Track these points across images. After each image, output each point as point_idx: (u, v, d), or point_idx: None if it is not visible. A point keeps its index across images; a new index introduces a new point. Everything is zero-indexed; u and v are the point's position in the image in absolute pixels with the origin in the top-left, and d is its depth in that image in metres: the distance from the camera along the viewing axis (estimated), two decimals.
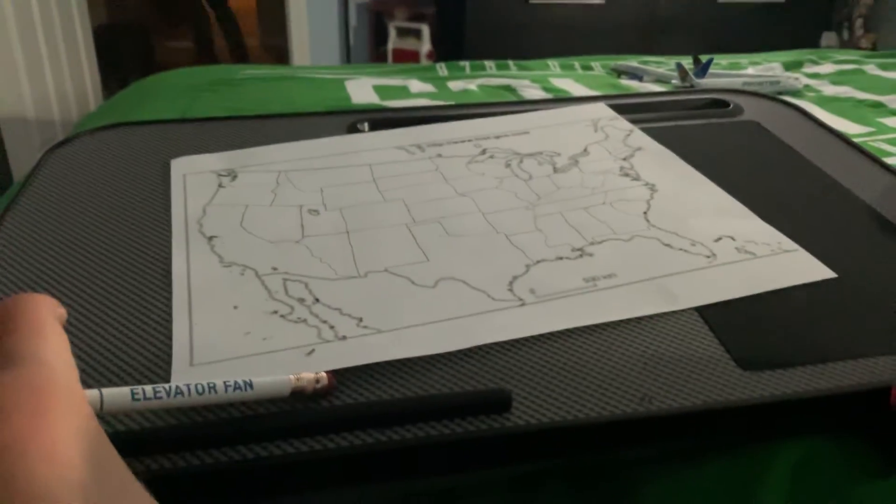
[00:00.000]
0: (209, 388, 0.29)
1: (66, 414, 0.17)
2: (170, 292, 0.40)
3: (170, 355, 0.35)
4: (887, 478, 0.32)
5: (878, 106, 0.94)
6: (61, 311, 0.22)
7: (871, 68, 1.13)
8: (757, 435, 0.35)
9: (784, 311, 0.40)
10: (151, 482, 0.19)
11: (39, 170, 0.53)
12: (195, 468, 0.30)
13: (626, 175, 0.52)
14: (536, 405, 0.33)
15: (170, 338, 0.36)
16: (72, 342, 0.35)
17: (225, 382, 0.29)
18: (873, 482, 0.32)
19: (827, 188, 0.52)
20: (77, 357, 0.35)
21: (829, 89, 1.05)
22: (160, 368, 0.34)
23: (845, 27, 2.85)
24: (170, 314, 0.38)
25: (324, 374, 0.32)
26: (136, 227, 0.45)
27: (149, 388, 0.27)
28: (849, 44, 2.76)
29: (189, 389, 0.28)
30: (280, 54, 2.84)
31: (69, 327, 0.37)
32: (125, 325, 0.37)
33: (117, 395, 0.25)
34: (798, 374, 0.35)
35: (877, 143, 0.78)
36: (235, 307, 0.38)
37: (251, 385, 0.30)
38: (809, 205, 0.50)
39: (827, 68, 1.16)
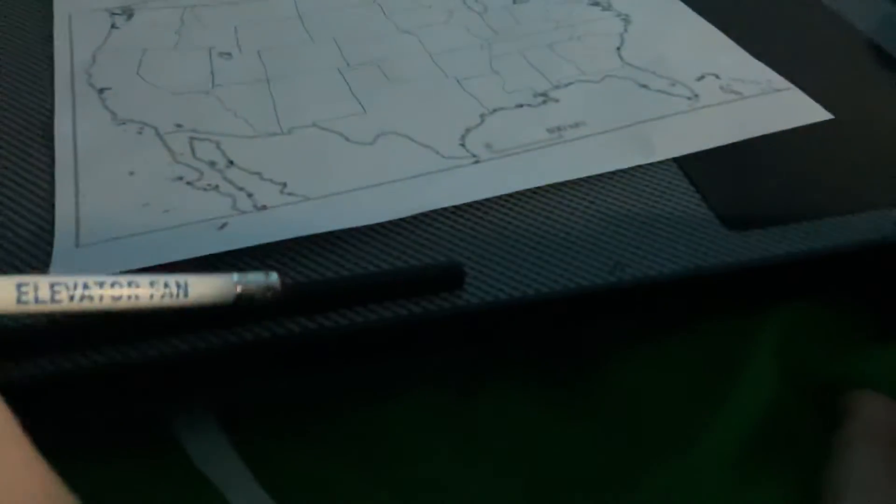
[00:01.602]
0: (130, 288, 0.22)
1: None
2: (51, 156, 0.33)
3: (51, 233, 0.29)
4: (886, 342, 0.28)
5: None
6: None
7: None
8: (743, 302, 0.31)
9: (774, 159, 0.35)
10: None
11: None
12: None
13: (596, 4, 0.45)
14: (493, 279, 0.28)
15: (50, 211, 0.30)
16: None
17: (151, 282, 0.21)
18: (870, 347, 0.29)
19: (821, 17, 0.46)
20: None
21: None
22: (38, 249, 0.28)
23: None
24: (51, 183, 0.31)
25: (276, 279, 0.24)
26: (7, 78, 0.37)
27: (43, 283, 0.18)
28: None
29: (101, 290, 0.21)
30: None
31: None
32: None
33: None
34: (790, 232, 0.31)
35: None
36: (131, 173, 0.32)
37: (185, 289, 0.23)
38: (802, 36, 0.44)
39: None
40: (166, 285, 0.21)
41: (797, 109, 0.37)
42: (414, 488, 0.27)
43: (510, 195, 0.32)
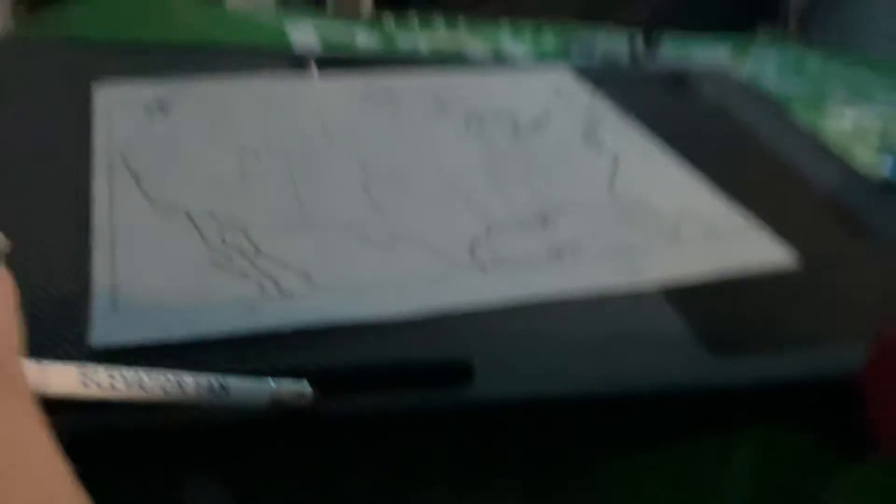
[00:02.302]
0: (178, 384, 0.25)
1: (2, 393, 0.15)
2: (89, 233, 0.35)
3: (89, 300, 0.31)
4: (850, 466, 0.31)
5: (821, 99, 0.96)
6: (3, 244, 0.17)
7: (814, 62, 1.15)
8: (721, 420, 0.33)
9: (747, 292, 0.38)
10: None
11: None
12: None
13: (589, 143, 0.50)
14: (497, 379, 0.31)
15: (88, 282, 0.32)
16: None
17: (196, 381, 0.24)
18: (837, 470, 0.31)
19: (785, 173, 0.52)
20: None
21: (775, 78, 1.06)
22: (79, 315, 0.30)
23: (780, 21, 2.93)
24: (89, 256, 0.33)
25: (308, 388, 0.27)
26: (51, 158, 0.40)
27: (103, 374, 0.22)
28: (782, 38, 2.84)
29: (153, 383, 0.24)
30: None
31: None
32: (37, 262, 0.32)
33: (64, 375, 0.21)
34: (765, 359, 0.34)
35: (822, 135, 0.79)
36: (165, 252, 0.34)
37: (227, 389, 0.26)
38: (769, 188, 0.49)
39: (771, 58, 1.17)
40: (210, 386, 0.24)
41: (767, 252, 0.41)
42: None
43: (512, 304, 0.35)
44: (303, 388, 0.27)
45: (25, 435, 0.16)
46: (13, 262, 0.32)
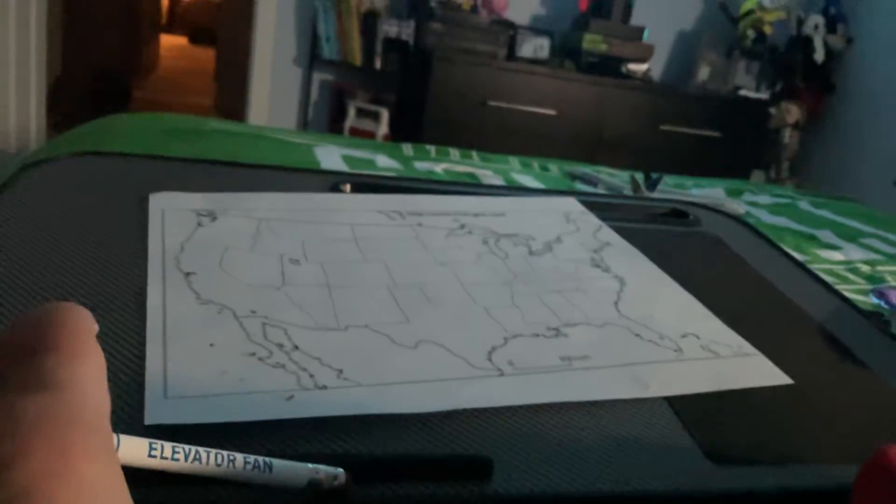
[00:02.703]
0: (229, 460, 0.28)
1: (98, 455, 0.16)
2: (143, 325, 0.38)
3: (143, 387, 0.34)
4: None
5: (812, 238, 1.01)
6: (96, 327, 0.19)
7: (804, 204, 1.22)
8: None
9: (748, 408, 0.41)
10: None
11: (9, 188, 0.51)
12: None
13: (597, 266, 0.54)
14: (515, 475, 0.33)
15: (143, 370, 0.35)
16: None
17: (245, 459, 0.27)
18: None
19: (779, 302, 0.55)
20: None
21: (768, 218, 1.12)
22: (132, 399, 0.33)
23: (773, 167, 3.07)
24: (143, 347, 0.37)
25: (342, 472, 0.30)
26: (110, 258, 0.44)
27: (167, 447, 0.24)
28: (774, 183, 2.97)
29: (208, 457, 0.27)
30: (236, 118, 2.87)
31: None
32: None
33: (135, 445, 0.24)
34: (763, 470, 0.36)
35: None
36: (212, 345, 0.37)
37: (270, 468, 0.29)
38: (764, 315, 0.53)
39: (764, 199, 1.24)
40: (257, 464, 0.27)
41: (763, 372, 0.44)
42: None
43: (529, 406, 0.37)
44: (337, 472, 0.30)
45: (120, 499, 0.16)
46: None
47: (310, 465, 0.29)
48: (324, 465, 0.30)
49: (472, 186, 0.70)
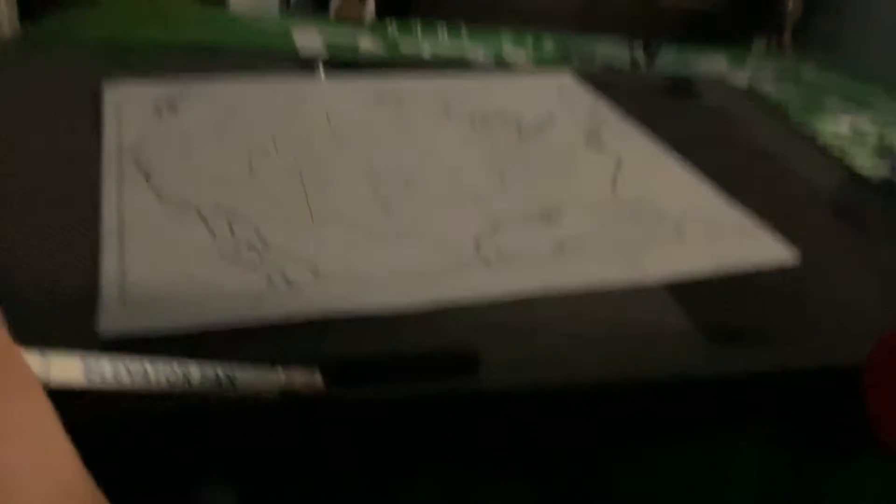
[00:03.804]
0: (184, 376, 0.25)
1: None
2: (98, 227, 0.35)
3: (97, 293, 0.31)
4: (850, 461, 0.32)
5: (817, 107, 0.97)
6: None
7: (809, 72, 1.16)
8: (723, 413, 0.34)
9: (749, 289, 0.39)
10: None
11: None
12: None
13: (592, 145, 0.50)
14: (503, 369, 0.31)
15: (98, 275, 0.32)
16: None
17: (203, 372, 0.24)
18: (837, 465, 0.32)
19: (785, 175, 0.52)
20: None
21: (771, 87, 1.07)
22: (86, 306, 0.30)
23: (775, 36, 2.95)
24: (98, 250, 0.34)
25: (319, 378, 0.27)
26: (61, 155, 0.41)
27: (107, 366, 0.22)
28: (778, 51, 2.86)
29: (157, 375, 0.24)
30: (218, 6, 2.72)
31: None
32: (48, 258, 0.33)
33: (67, 365, 0.21)
34: (766, 351, 0.34)
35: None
36: (174, 246, 0.35)
37: (233, 381, 0.26)
38: (769, 190, 0.50)
39: (768, 68, 1.18)
40: (217, 377, 0.24)
41: (768, 249, 0.42)
42: None
43: (517, 296, 0.35)
44: (314, 377, 0.28)
45: (39, 429, 0.15)
46: (24, 258, 0.32)
47: (281, 371, 0.27)
48: (297, 370, 0.27)
49: (458, 65, 0.65)
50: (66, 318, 0.30)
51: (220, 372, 0.25)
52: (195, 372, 0.24)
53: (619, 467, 0.33)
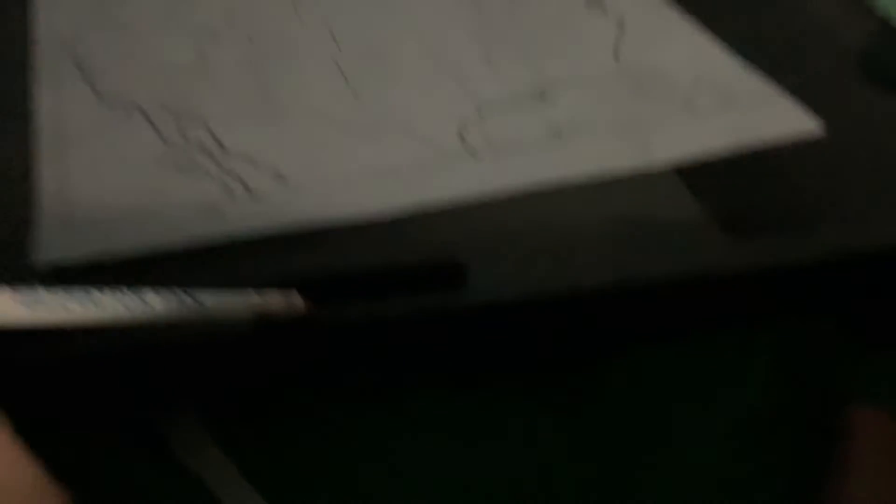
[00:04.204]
0: (141, 301, 0.21)
1: None
2: (30, 133, 0.31)
3: (35, 214, 0.28)
4: (877, 354, 0.29)
5: None
6: None
7: None
8: (740, 309, 0.31)
9: (768, 168, 0.35)
10: None
11: None
12: None
13: (593, 6, 0.45)
14: (494, 279, 0.28)
15: (35, 193, 0.28)
16: None
17: (164, 296, 0.21)
18: (862, 359, 0.29)
19: (812, 30, 0.46)
20: None
21: None
22: (22, 232, 0.27)
23: None
24: (35, 161, 0.30)
25: (298, 298, 0.24)
26: None
27: (51, 299, 0.18)
28: None
29: (111, 303, 0.20)
30: None
31: None
32: None
33: (5, 305, 0.17)
34: (788, 239, 0.31)
35: None
36: (119, 154, 0.31)
37: (202, 304, 0.22)
38: (792, 49, 0.44)
39: None
40: (181, 302, 0.21)
41: (790, 120, 0.37)
42: (404, 490, 0.27)
43: (511, 194, 0.31)
44: (292, 298, 0.24)
45: None
46: None
47: (254, 294, 0.23)
48: (271, 292, 0.24)
49: None
50: (2, 248, 0.27)
51: (185, 297, 0.21)
52: (154, 299, 0.21)
53: (625, 369, 0.31)
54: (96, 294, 0.19)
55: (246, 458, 0.27)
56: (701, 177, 0.33)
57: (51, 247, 0.26)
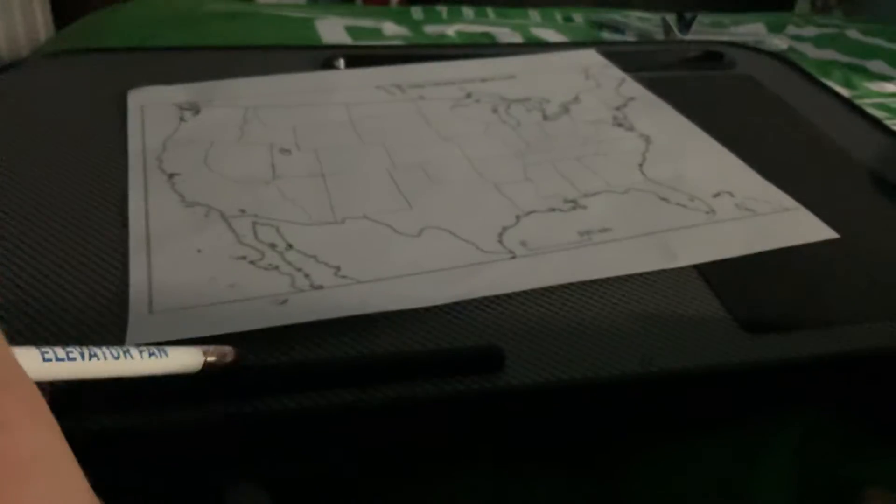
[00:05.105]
0: (124, 353, 0.24)
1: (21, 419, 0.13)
2: (126, 234, 0.36)
3: (126, 301, 0.32)
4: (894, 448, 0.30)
5: (861, 70, 0.93)
6: None
7: (853, 33, 1.11)
8: (760, 402, 0.33)
9: (785, 271, 0.37)
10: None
11: None
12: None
13: (620, 125, 0.49)
14: (530, 364, 0.30)
15: (127, 283, 0.33)
16: (16, 287, 0.31)
17: (139, 349, 0.24)
18: (880, 452, 0.30)
19: (823, 146, 0.50)
20: (23, 305, 0.31)
21: (813, 52, 1.03)
22: (115, 316, 0.31)
23: None
24: (126, 256, 0.34)
25: (230, 349, 0.26)
26: (88, 162, 0.41)
27: (60, 350, 0.21)
28: (822, 11, 2.75)
29: (104, 353, 0.23)
30: None
31: (9, 269, 0.33)
32: (75, 267, 0.33)
33: (23, 356, 0.20)
34: (803, 336, 0.33)
35: (862, 107, 0.76)
36: (199, 251, 0.35)
37: (166, 353, 0.25)
38: (806, 163, 0.48)
39: (809, 32, 1.14)
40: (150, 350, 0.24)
41: (806, 227, 0.40)
42: None
43: (544, 289, 0.34)
44: (226, 349, 0.26)
45: (33, 439, 0.14)
46: (53, 268, 0.33)
47: (200, 349, 0.25)
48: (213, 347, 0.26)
49: (480, 48, 0.64)
50: (98, 332, 0.31)
51: (154, 348, 0.24)
52: (133, 349, 0.23)
53: (652, 456, 0.32)
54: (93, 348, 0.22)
55: None
56: (721, 275, 0.36)
57: (138, 332, 0.30)
